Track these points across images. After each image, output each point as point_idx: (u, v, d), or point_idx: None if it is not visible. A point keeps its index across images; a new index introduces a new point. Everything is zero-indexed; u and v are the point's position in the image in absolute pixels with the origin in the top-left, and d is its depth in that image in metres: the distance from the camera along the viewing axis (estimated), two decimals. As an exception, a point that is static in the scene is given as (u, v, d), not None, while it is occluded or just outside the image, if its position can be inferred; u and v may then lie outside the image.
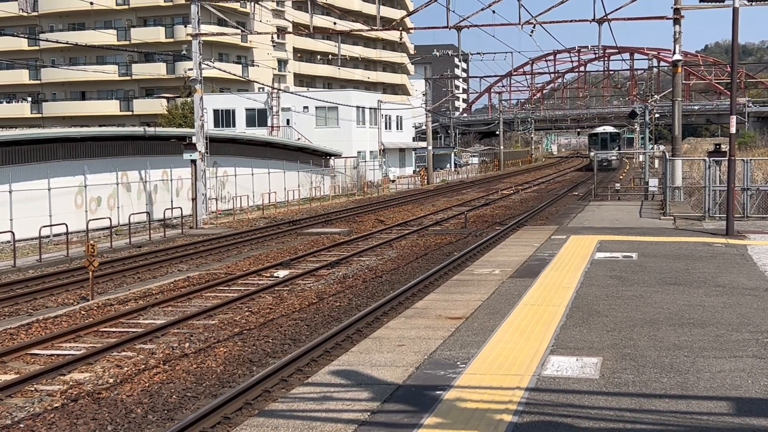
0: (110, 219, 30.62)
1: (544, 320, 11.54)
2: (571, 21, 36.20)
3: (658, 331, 10.85)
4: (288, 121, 66.11)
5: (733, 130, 21.87)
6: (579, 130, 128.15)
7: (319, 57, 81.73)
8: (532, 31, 35.08)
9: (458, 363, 9.45)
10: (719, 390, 8.34)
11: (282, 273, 22.18)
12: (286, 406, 8.23)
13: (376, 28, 37.10)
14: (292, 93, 65.90)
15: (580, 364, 9.27)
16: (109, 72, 79.64)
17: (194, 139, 35.53)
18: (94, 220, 30.46)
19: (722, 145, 29.47)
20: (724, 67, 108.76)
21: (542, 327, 11.13)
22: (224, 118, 67.63)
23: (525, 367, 9.22)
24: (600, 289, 13.82)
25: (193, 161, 34.92)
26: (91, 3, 68.31)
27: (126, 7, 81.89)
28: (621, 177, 66.08)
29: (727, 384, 8.53)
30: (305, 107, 65.03)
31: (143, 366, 13.33)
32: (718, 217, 24.79)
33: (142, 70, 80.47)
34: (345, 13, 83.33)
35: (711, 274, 15.21)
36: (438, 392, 8.38)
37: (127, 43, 79.72)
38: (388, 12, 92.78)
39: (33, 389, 12.30)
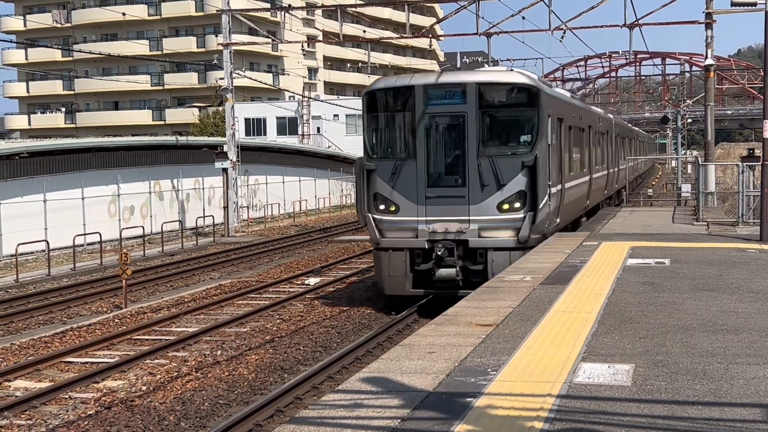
0: (143, 227, 30.90)
1: (576, 327, 11.47)
2: (601, 26, 36.07)
3: (690, 337, 10.74)
4: (318, 129, 66.32)
5: (766, 134, 21.63)
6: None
7: (349, 65, 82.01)
8: (562, 37, 35.00)
9: (489, 370, 9.42)
10: (753, 397, 8.25)
11: (313, 280, 22.24)
12: (316, 413, 8.25)
13: (405, 35, 37.16)
14: (322, 101, 66.13)
15: (611, 371, 9.20)
16: (141, 82, 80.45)
17: (225, 148, 35.77)
18: (127, 228, 30.74)
19: (756, 150, 29.16)
20: (758, 71, 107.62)
21: (573, 334, 11.06)
22: (255, 126, 67.98)
23: (556, 374, 9.16)
24: (632, 296, 13.70)
25: (225, 170, 35.15)
26: (124, 14, 69.09)
27: (158, 17, 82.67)
28: (653, 183, 65.56)
29: (761, 391, 8.43)
30: (335, 115, 65.18)
31: (176, 373, 13.42)
32: (752, 223, 24.51)
33: (174, 80, 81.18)
34: (375, 21, 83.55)
35: (745, 280, 15.04)
36: (468, 399, 8.35)
37: (159, 53, 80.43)
38: (417, 20, 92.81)
39: (67, 397, 12.43)
